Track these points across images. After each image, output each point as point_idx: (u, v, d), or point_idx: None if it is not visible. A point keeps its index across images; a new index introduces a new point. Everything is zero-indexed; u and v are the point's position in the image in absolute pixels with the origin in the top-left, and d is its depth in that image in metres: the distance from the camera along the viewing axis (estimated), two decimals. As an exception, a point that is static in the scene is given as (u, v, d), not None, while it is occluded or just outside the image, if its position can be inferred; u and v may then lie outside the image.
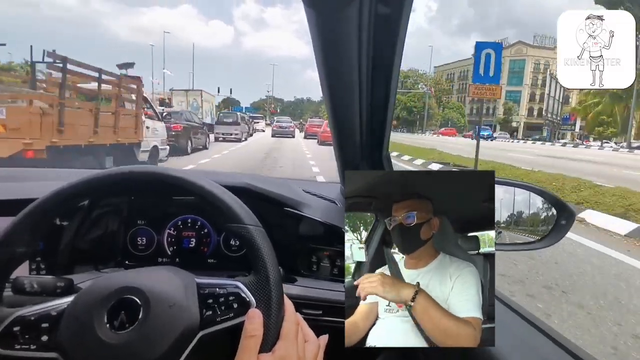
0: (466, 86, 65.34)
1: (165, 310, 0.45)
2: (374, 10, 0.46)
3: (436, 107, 57.20)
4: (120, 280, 0.48)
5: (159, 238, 0.83)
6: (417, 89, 59.13)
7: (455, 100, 65.70)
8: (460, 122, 58.54)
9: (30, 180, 0.96)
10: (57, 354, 0.45)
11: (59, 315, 0.46)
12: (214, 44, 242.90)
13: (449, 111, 59.95)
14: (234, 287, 0.48)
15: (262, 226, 0.52)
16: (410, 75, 59.93)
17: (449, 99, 66.89)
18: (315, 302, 0.71)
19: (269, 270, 0.48)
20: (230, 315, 0.47)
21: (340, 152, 0.79)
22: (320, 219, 0.80)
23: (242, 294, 0.48)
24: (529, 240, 0.64)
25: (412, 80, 59.98)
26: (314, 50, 0.50)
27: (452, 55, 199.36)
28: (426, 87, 58.43)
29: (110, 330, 0.44)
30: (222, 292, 0.48)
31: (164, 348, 0.44)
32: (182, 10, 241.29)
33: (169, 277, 0.49)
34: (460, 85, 67.69)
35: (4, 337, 0.45)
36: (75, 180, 0.53)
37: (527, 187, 0.65)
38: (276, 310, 0.47)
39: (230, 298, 0.48)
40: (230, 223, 0.51)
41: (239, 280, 0.49)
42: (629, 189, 6.09)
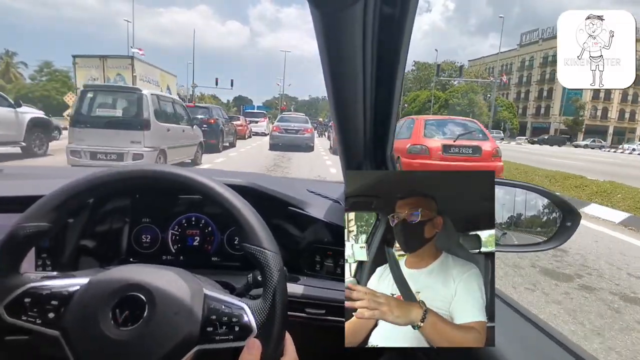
0: (523, 79, 54.95)
1: (169, 315, 0.46)
2: (378, 10, 0.47)
3: (484, 105, 45.28)
4: (130, 276, 0.49)
5: (163, 236, 0.85)
6: (452, 85, 49.93)
7: (507, 99, 53.37)
8: (513, 123, 48.10)
9: (39, 178, 0.99)
10: (59, 334, 0.46)
11: (69, 297, 0.47)
12: (230, 43, 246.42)
13: (500, 110, 48.12)
14: (239, 309, 0.49)
15: (279, 252, 0.53)
16: (445, 68, 50.82)
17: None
18: (318, 301, 0.72)
19: (277, 301, 0.48)
20: (230, 337, 0.47)
21: (345, 151, 0.80)
22: (324, 219, 0.81)
23: (245, 317, 0.48)
24: (534, 241, 0.65)
25: (447, 74, 50.44)
26: (319, 49, 0.51)
27: (469, 55, 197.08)
28: (492, 77, 46.33)
29: (114, 325, 0.46)
30: (227, 311, 0.49)
31: (161, 354, 0.44)
32: (200, 11, 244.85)
33: (178, 281, 0.50)
34: (520, 77, 57.63)
35: (13, 306, 0.47)
36: (96, 175, 0.55)
37: (533, 189, 0.66)
38: (275, 344, 0.48)
39: (233, 319, 0.48)
40: (250, 243, 0.52)
41: (245, 303, 0.49)
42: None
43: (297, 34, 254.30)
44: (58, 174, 1.07)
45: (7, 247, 0.49)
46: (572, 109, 48.94)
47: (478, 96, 45.58)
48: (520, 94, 58.83)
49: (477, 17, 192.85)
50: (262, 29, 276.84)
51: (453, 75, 50.87)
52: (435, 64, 49.96)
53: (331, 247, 0.82)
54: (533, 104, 57.05)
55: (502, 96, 54.32)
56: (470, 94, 44.45)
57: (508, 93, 56.92)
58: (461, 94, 44.92)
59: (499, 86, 55.00)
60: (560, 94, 48.69)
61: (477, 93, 45.83)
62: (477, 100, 44.85)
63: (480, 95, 46.98)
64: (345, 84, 0.58)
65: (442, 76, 49.00)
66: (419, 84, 54.11)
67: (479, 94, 46.84)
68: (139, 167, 0.56)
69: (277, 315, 0.48)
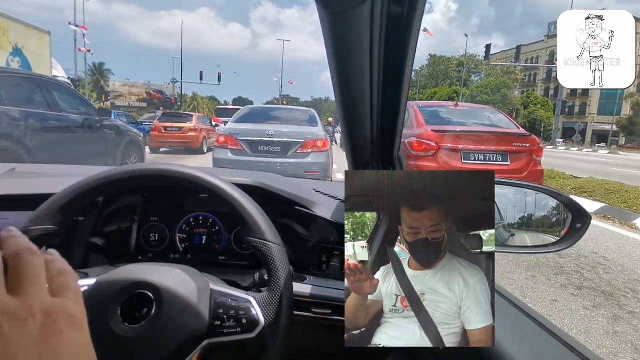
0: (552, 74, 45.28)
1: (177, 312, 0.49)
2: (386, 10, 0.49)
3: (519, 102, 41.27)
4: (138, 274, 0.51)
5: (171, 235, 0.88)
6: (471, 80, 46.16)
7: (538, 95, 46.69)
8: (550, 123, 41.10)
9: (50, 177, 1.04)
10: None
11: None
12: (232, 46, 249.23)
13: (534, 108, 42.14)
14: (245, 302, 0.51)
15: (283, 244, 0.55)
16: (464, 62, 47.50)
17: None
18: (325, 301, 0.73)
19: (283, 292, 0.51)
20: (238, 330, 0.50)
21: (352, 151, 0.82)
22: (331, 218, 0.83)
23: (252, 310, 0.51)
24: (543, 243, 0.65)
25: (467, 69, 47.43)
26: (326, 49, 0.53)
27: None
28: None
29: (123, 323, 0.48)
30: (234, 304, 0.51)
31: (171, 350, 0.47)
32: (202, 13, 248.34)
33: (185, 279, 0.52)
34: (548, 72, 47.50)
35: None
36: (105, 174, 0.58)
37: (540, 189, 0.66)
38: (283, 334, 0.50)
39: (240, 312, 0.51)
40: (253, 237, 0.54)
41: (252, 296, 0.52)
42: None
43: (298, 35, 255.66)
44: (68, 173, 1.12)
45: None
46: (612, 108, 43.80)
47: (512, 92, 41.34)
48: (549, 90, 52.44)
49: (479, 18, 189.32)
50: (264, 31, 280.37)
51: (473, 70, 48.01)
52: (466, 53, 45.84)
53: (338, 246, 0.83)
54: (565, 104, 52.72)
55: (527, 92, 48.18)
56: (503, 89, 39.82)
57: (534, 89, 51.45)
58: (491, 89, 39.65)
59: (526, 82, 51.81)
60: (599, 90, 42.62)
61: (510, 88, 41.18)
62: (511, 96, 40.61)
63: (515, 90, 42.36)
64: (352, 84, 0.60)
65: (462, 71, 46.06)
66: (435, 80, 51.30)
67: (514, 89, 42.31)
68: (146, 165, 0.59)
69: (284, 306, 0.51)
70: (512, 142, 4.31)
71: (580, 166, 11.62)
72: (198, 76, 33.45)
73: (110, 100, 32.36)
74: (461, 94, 39.84)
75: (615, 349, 2.07)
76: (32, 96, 4.36)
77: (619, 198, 5.81)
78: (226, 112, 17.22)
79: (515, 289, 2.70)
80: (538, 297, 2.65)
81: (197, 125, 11.55)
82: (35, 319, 0.26)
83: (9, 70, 5.38)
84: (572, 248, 0.65)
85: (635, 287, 2.89)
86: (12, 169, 1.09)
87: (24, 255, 0.29)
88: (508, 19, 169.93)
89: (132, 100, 33.89)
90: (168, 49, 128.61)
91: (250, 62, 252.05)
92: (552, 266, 3.22)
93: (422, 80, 51.56)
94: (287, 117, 5.80)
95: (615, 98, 42.38)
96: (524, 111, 41.62)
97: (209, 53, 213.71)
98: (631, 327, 2.29)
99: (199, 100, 54.52)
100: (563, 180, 7.66)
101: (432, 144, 4.15)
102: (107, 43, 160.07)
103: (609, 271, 3.19)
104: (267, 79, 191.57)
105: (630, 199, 5.66)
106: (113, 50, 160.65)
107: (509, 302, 0.59)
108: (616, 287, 2.89)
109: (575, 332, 2.20)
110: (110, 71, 45.41)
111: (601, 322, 2.33)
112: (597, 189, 6.46)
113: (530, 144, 4.34)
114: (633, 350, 2.06)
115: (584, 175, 8.41)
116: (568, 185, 6.98)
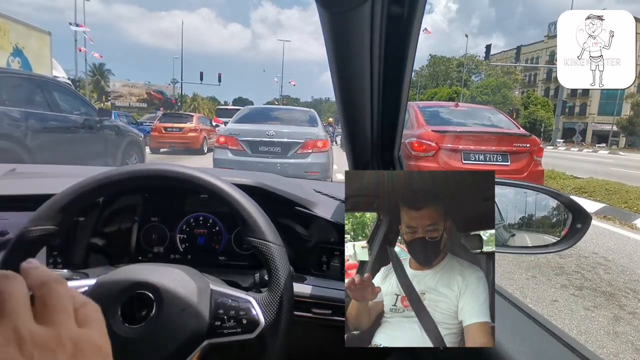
0: (552, 74, 45.06)
1: (177, 312, 0.49)
2: (386, 10, 0.49)
3: (519, 102, 41.25)
4: (138, 275, 0.52)
5: (171, 235, 0.89)
6: (472, 81, 45.72)
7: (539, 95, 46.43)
8: (551, 123, 40.73)
9: (50, 177, 1.05)
10: None
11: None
12: (232, 47, 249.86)
13: (534, 108, 42.07)
14: (246, 302, 0.52)
15: (283, 244, 0.55)
16: (464, 62, 47.31)
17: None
18: (325, 301, 0.74)
19: (284, 292, 0.51)
20: (238, 330, 0.50)
21: (352, 151, 0.82)
22: (331, 219, 0.83)
23: (252, 310, 0.51)
24: (543, 243, 0.65)
25: (467, 69, 47.17)
26: (326, 50, 0.53)
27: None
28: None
29: (123, 323, 0.49)
30: (234, 304, 0.51)
31: (171, 350, 0.47)
32: (202, 14, 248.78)
33: (184, 279, 0.53)
34: (548, 72, 47.31)
35: None
36: (104, 174, 0.58)
37: (543, 190, 0.66)
38: (283, 334, 0.50)
39: (240, 313, 0.51)
40: (253, 237, 0.54)
41: (252, 296, 0.52)
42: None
43: (298, 35, 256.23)
44: (69, 173, 1.12)
45: (15, 250, 0.53)
46: (612, 108, 43.45)
47: (512, 92, 41.37)
48: (549, 90, 52.74)
49: (479, 18, 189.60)
50: (264, 31, 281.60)
51: (473, 70, 47.69)
52: (466, 53, 45.68)
53: (338, 247, 0.84)
54: (565, 104, 52.75)
55: (528, 92, 48.08)
56: (503, 89, 39.90)
57: (535, 89, 51.54)
58: (492, 89, 39.71)
59: (526, 83, 51.85)
60: (599, 90, 42.40)
61: (510, 88, 41.19)
62: (511, 97, 40.60)
63: (515, 90, 42.29)
64: (352, 84, 0.60)
65: (462, 71, 45.80)
66: (436, 80, 51.50)
67: (514, 89, 42.25)
68: (147, 165, 0.59)
69: (284, 306, 0.51)
70: (513, 142, 4.32)
71: (580, 166, 11.64)
72: (198, 76, 33.65)
73: (110, 101, 32.47)
74: (461, 94, 40.10)
75: (615, 349, 2.07)
76: (32, 96, 4.39)
77: (619, 198, 5.83)
78: (226, 113, 17.13)
79: (516, 289, 2.71)
80: (538, 297, 2.66)
81: (197, 125, 11.65)
82: (65, 349, 0.26)
83: (10, 71, 5.48)
84: (573, 248, 0.65)
85: (635, 288, 2.90)
86: (12, 169, 1.09)
87: (51, 284, 0.29)
88: (508, 19, 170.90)
89: (132, 100, 34.01)
90: (168, 49, 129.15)
91: (250, 62, 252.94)
92: (553, 266, 3.23)
93: (422, 80, 51.71)
94: (287, 117, 5.82)
95: (615, 98, 42.37)
96: (524, 111, 41.58)
97: (209, 53, 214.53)
98: (631, 328, 2.30)
99: (199, 100, 54.53)
100: (563, 180, 7.69)
101: (432, 144, 4.16)
102: (108, 43, 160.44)
103: (609, 271, 3.20)
104: (267, 79, 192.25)
105: (631, 199, 5.68)
106: (113, 51, 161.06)
107: (509, 302, 0.59)
108: (616, 287, 2.90)
109: (576, 333, 2.20)
110: (110, 71, 45.46)
111: (601, 323, 2.33)
112: (597, 189, 6.46)
113: (531, 144, 4.35)
114: (633, 351, 2.06)
115: (584, 175, 8.45)
116: (568, 186, 7.02)
